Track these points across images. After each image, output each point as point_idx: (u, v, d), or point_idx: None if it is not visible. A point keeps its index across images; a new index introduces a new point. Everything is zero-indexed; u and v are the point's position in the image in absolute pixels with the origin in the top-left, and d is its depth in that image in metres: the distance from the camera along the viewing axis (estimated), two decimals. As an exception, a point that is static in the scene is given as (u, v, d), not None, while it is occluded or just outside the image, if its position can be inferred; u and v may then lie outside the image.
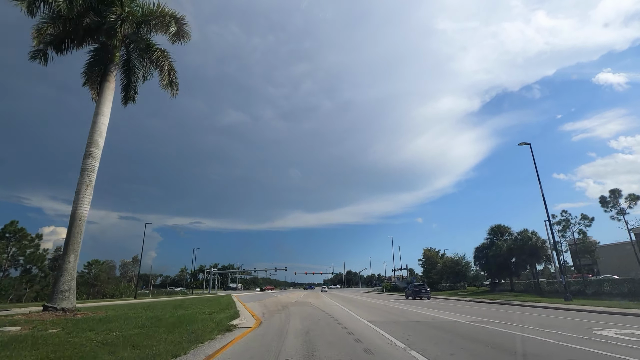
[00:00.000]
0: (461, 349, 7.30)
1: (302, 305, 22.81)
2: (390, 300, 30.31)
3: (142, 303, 25.13)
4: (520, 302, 22.98)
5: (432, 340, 8.35)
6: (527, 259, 36.62)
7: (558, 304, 19.98)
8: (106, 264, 51.36)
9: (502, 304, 22.76)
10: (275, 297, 38.17)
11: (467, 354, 6.81)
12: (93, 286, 49.34)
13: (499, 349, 7.26)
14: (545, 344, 7.75)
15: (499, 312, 17.02)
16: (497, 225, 43.46)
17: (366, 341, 8.19)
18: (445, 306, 21.66)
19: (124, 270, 63.27)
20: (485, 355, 6.72)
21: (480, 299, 28.08)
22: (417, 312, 17.36)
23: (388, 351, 7.08)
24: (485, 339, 8.48)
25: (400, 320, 13.36)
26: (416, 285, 34.60)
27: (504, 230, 42.75)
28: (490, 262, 41.60)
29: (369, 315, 15.51)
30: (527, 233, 37.85)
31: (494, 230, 43.38)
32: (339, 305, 22.76)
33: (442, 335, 9.39)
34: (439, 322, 12.47)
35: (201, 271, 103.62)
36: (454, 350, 7.16)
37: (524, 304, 21.65)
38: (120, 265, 64.85)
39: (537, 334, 9.05)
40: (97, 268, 49.07)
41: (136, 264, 63.04)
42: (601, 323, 11.56)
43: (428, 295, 32.34)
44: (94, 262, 49.24)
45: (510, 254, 39.69)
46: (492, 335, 9.11)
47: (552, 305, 19.26)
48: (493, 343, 7.92)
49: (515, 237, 39.89)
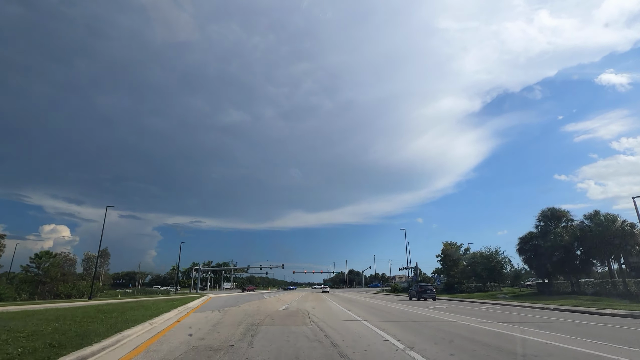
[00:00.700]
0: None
1: (290, 320, 13.20)
2: (404, 304, 20.79)
3: (74, 307, 17.56)
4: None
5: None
6: (605, 249, 26.69)
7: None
8: (61, 257, 42.21)
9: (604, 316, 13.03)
10: (259, 301, 28.17)
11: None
12: (42, 284, 40.15)
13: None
14: None
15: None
16: (551, 209, 33.48)
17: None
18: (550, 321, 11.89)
19: (89, 265, 53.87)
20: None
21: (546, 305, 18.27)
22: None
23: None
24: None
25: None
26: (420, 286, 32.00)
27: (561, 214, 32.77)
28: (541, 256, 31.74)
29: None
30: (602, 216, 27.94)
31: (546, 216, 33.42)
32: (361, 320, 13.11)
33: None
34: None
35: (192, 269, 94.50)
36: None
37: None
38: (84, 259, 55.52)
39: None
40: (48, 262, 39.81)
41: (107, 258, 53.81)
42: None
43: (433, 296, 29.91)
44: (44, 254, 40.00)
45: (575, 244, 29.79)
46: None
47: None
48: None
49: (581, 223, 30.00)
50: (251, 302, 27.22)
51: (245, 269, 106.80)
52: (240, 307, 20.90)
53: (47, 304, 22.08)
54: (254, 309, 19.56)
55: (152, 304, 20.57)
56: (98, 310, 15.17)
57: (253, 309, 19.55)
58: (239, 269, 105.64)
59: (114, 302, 23.62)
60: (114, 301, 26.65)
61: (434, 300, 28.80)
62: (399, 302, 27.31)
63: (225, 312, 16.65)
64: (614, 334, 9.63)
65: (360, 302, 27.35)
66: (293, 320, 13.05)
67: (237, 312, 17.07)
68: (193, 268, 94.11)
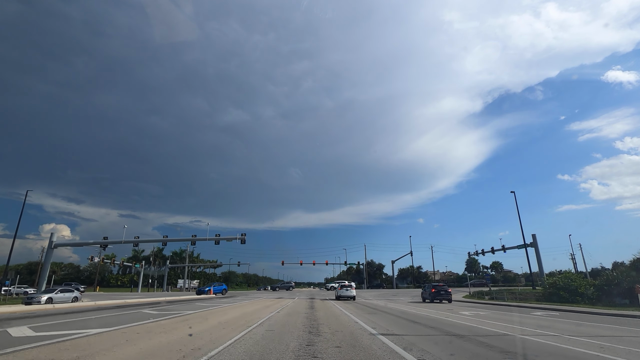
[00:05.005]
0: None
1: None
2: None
3: None
4: None
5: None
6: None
7: None
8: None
9: None
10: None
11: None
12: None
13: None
14: None
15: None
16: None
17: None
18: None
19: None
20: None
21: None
22: None
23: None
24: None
25: None
26: (434, 286, 28.19)
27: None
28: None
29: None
30: None
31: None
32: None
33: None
34: None
35: (136, 259, 70.46)
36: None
37: None
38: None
39: None
40: None
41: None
42: None
43: (449, 297, 26.76)
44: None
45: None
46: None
47: None
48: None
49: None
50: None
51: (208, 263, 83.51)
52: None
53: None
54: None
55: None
56: None
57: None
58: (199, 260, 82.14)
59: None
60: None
61: (449, 302, 26.26)
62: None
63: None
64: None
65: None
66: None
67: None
68: (140, 257, 70.46)
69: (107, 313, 15.35)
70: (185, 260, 73.55)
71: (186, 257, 73.15)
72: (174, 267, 74.51)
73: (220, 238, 36.27)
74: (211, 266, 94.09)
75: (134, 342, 7.72)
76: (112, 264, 66.91)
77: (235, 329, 9.97)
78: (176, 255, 77.22)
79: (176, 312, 16.01)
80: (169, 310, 16.86)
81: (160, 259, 75.89)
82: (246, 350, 6.94)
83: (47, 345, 7.22)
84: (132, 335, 8.83)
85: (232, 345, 7.38)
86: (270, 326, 10.81)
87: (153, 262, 74.00)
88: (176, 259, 76.25)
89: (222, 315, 14.57)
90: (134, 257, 71.85)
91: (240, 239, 35.15)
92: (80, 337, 8.34)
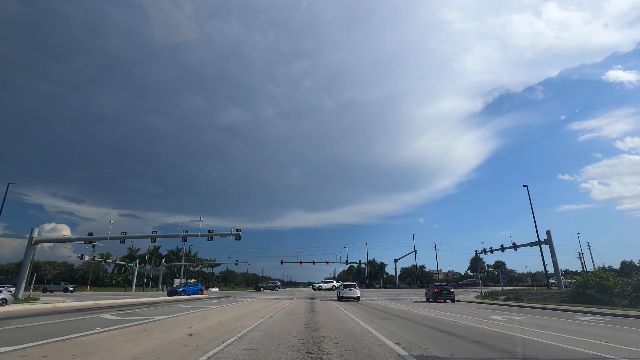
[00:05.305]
0: None
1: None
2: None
3: None
4: None
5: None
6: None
7: None
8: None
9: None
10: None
11: None
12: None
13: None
14: None
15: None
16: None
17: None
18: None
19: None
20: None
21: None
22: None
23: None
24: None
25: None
26: (436, 286, 28.17)
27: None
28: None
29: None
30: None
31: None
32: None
33: None
34: None
35: (131, 258, 67.91)
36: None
37: None
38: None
39: None
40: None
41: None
42: None
43: (452, 297, 26.77)
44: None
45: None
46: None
47: None
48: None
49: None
50: None
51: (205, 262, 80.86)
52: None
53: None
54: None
55: None
56: None
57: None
58: (196, 259, 79.35)
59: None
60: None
61: (452, 302, 26.02)
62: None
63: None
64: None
65: None
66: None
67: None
68: (135, 255, 67.95)
69: (48, 320, 12.23)
70: (182, 259, 70.88)
71: (182, 256, 70.42)
72: (170, 266, 71.70)
73: (213, 234, 33.46)
74: (209, 265, 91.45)
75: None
76: (105, 262, 64.26)
77: (203, 346, 7.19)
78: (173, 254, 74.51)
79: (143, 317, 13.17)
80: (136, 315, 14.01)
81: (157, 258, 73.36)
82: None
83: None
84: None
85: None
86: (252, 342, 8.01)
87: (149, 260, 71.44)
88: (172, 257, 73.48)
89: (199, 322, 11.76)
90: (129, 255, 69.24)
91: (235, 234, 32.33)
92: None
